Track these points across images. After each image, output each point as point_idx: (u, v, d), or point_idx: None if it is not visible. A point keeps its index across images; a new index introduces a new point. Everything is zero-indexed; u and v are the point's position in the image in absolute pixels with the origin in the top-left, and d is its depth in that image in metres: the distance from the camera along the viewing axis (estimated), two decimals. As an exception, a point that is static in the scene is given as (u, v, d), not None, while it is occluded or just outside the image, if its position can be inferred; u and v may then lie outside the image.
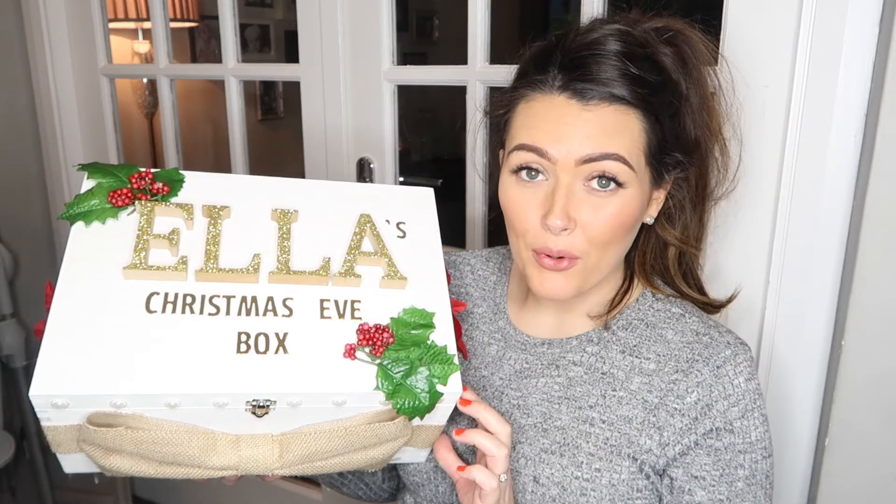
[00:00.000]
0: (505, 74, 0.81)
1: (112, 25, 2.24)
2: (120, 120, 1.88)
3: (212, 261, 0.72)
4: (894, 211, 0.86)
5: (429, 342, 0.73)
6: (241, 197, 0.79)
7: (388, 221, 0.80)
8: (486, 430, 0.71)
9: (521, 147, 0.72)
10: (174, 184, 0.77)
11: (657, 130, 0.72)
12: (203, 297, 0.70)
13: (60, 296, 0.66)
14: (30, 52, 1.85)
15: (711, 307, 0.84)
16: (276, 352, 0.69)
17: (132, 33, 2.51)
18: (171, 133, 1.76)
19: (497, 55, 1.28)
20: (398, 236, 0.80)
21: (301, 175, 1.56)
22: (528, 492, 0.75)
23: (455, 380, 0.71)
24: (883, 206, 0.86)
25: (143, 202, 0.74)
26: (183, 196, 0.76)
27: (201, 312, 0.69)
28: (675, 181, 0.79)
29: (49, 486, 2.01)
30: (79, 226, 0.72)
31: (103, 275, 0.69)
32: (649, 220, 0.78)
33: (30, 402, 0.63)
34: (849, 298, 0.90)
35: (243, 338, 0.69)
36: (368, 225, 0.79)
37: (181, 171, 0.77)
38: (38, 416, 0.63)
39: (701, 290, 0.85)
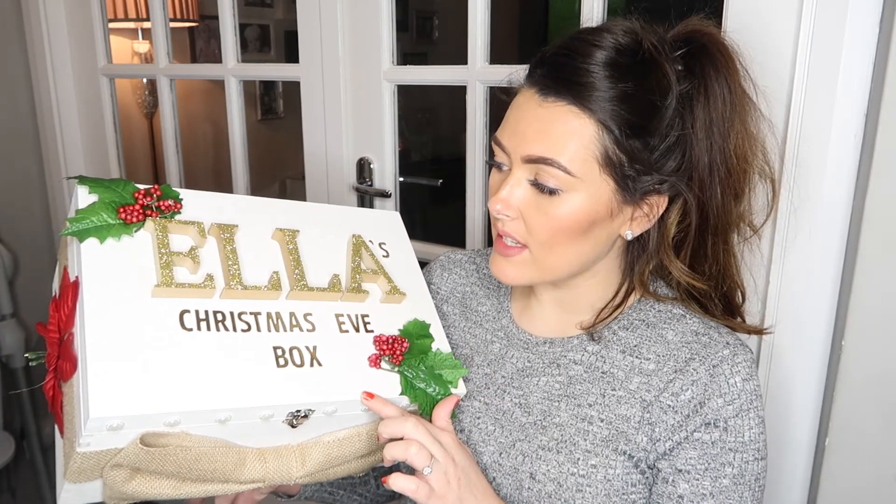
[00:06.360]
0: (505, 74, 0.81)
1: (112, 25, 2.24)
2: (120, 120, 1.88)
3: (235, 279, 0.73)
4: (894, 211, 0.86)
5: (433, 350, 0.81)
6: (243, 216, 0.80)
7: (371, 242, 0.87)
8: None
9: (492, 138, 0.76)
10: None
11: (621, 142, 0.68)
12: (232, 314, 0.72)
13: (93, 316, 0.65)
14: (30, 52, 1.85)
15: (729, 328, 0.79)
16: (312, 364, 0.73)
17: (132, 33, 2.51)
18: (170, 133, 1.76)
19: (497, 55, 1.29)
20: (383, 256, 0.87)
21: (301, 175, 1.56)
22: (524, 488, 0.75)
23: (462, 382, 0.80)
24: (883, 206, 0.86)
25: (154, 219, 0.73)
26: (188, 214, 0.77)
27: (234, 329, 0.71)
28: (682, 207, 0.75)
29: (49, 486, 2.01)
30: (91, 242, 0.70)
31: (132, 293, 0.68)
32: (628, 235, 0.75)
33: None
34: (849, 298, 0.90)
35: (279, 352, 0.72)
36: (363, 245, 0.86)
37: (175, 189, 0.77)
38: (81, 441, 0.61)
39: (711, 314, 0.79)
